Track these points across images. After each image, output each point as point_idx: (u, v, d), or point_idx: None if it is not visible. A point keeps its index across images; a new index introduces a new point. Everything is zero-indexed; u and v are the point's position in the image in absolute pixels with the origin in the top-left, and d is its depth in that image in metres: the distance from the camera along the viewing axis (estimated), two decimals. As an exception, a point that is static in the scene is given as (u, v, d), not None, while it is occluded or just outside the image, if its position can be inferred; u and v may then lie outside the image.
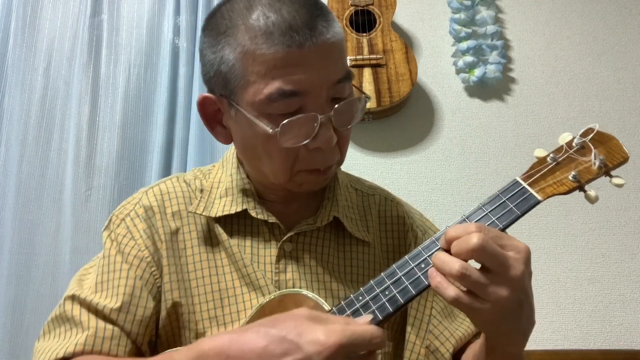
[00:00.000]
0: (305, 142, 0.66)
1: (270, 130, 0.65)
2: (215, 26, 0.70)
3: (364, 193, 0.86)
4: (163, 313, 0.72)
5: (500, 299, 0.54)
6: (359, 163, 1.77)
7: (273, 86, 0.64)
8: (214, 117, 0.74)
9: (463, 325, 0.78)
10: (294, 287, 0.73)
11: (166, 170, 1.63)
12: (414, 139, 1.79)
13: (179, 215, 0.76)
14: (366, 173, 1.75)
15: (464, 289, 0.55)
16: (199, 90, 1.65)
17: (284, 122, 0.64)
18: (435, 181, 1.76)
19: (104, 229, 0.78)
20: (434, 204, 1.74)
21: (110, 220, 0.78)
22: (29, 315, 1.54)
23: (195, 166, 1.60)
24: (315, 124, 0.66)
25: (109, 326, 0.68)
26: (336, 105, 0.67)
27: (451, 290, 0.55)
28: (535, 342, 1.59)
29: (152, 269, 0.73)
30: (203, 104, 0.73)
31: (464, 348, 0.78)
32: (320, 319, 0.54)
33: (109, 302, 0.69)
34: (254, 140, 0.69)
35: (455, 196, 1.74)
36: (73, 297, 0.71)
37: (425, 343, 0.77)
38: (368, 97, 0.74)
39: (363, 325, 0.54)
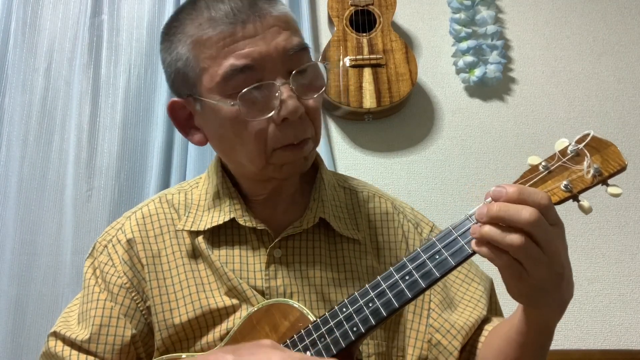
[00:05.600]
0: (270, 114, 0.67)
1: (232, 104, 0.66)
2: (167, 31, 0.73)
3: (352, 191, 0.86)
4: (157, 335, 0.74)
5: (543, 273, 0.54)
6: (359, 163, 1.77)
7: (226, 64, 0.66)
8: (186, 122, 0.75)
9: (463, 316, 0.77)
10: (284, 293, 0.73)
11: (166, 171, 1.63)
12: (414, 139, 1.79)
13: (162, 238, 0.78)
14: (366, 173, 1.75)
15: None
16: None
17: (242, 92, 0.66)
18: (435, 181, 1.76)
19: (87, 257, 0.80)
20: (434, 204, 1.74)
21: (94, 247, 0.80)
22: (31, 315, 1.55)
23: (195, 166, 1.62)
24: (276, 93, 0.67)
25: (90, 357, 0.72)
26: (293, 72, 0.68)
27: (504, 257, 0.54)
28: (535, 341, 1.59)
29: (133, 294, 0.75)
30: (173, 110, 0.75)
31: (475, 338, 0.77)
32: (281, 348, 0.56)
33: (83, 333, 0.73)
34: (223, 127, 0.70)
35: (455, 196, 1.74)
36: (55, 334, 0.75)
37: (427, 337, 0.77)
38: (326, 64, 0.75)
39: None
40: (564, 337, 1.63)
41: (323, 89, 0.72)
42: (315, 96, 0.71)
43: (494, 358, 0.72)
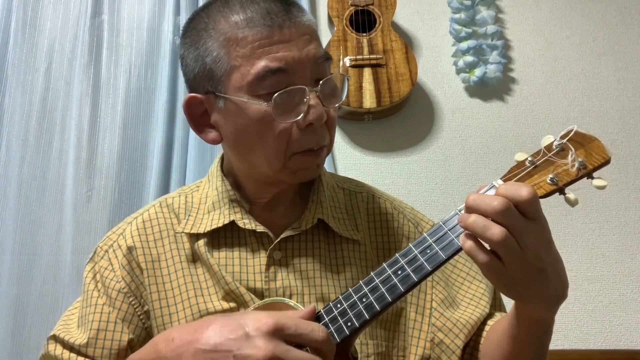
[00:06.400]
0: (297, 118, 0.69)
1: (265, 104, 0.68)
2: (194, 26, 0.74)
3: (352, 192, 0.86)
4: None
5: (520, 266, 0.55)
6: (359, 163, 1.77)
7: (259, 65, 0.68)
8: (200, 119, 0.76)
9: (465, 314, 0.78)
10: (284, 295, 0.74)
11: (166, 171, 1.63)
12: (414, 139, 1.80)
13: (161, 242, 0.78)
14: (366, 173, 1.75)
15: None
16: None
17: (276, 94, 0.67)
18: (435, 181, 1.76)
19: (88, 262, 0.80)
20: (434, 204, 1.74)
21: (95, 252, 0.80)
22: (31, 316, 1.55)
23: (195, 166, 1.62)
24: (305, 98, 0.69)
25: None
26: (321, 81, 0.70)
27: (484, 254, 0.55)
28: (535, 341, 1.59)
29: (130, 299, 0.75)
30: (189, 105, 0.75)
31: (478, 333, 0.78)
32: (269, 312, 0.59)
33: (81, 337, 0.73)
34: (247, 126, 0.70)
35: (455, 196, 1.74)
36: (55, 338, 0.75)
37: (430, 336, 0.77)
38: (348, 77, 0.77)
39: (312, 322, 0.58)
40: (563, 337, 1.63)
41: (342, 100, 0.75)
42: (335, 106, 0.73)
43: (493, 352, 0.73)
